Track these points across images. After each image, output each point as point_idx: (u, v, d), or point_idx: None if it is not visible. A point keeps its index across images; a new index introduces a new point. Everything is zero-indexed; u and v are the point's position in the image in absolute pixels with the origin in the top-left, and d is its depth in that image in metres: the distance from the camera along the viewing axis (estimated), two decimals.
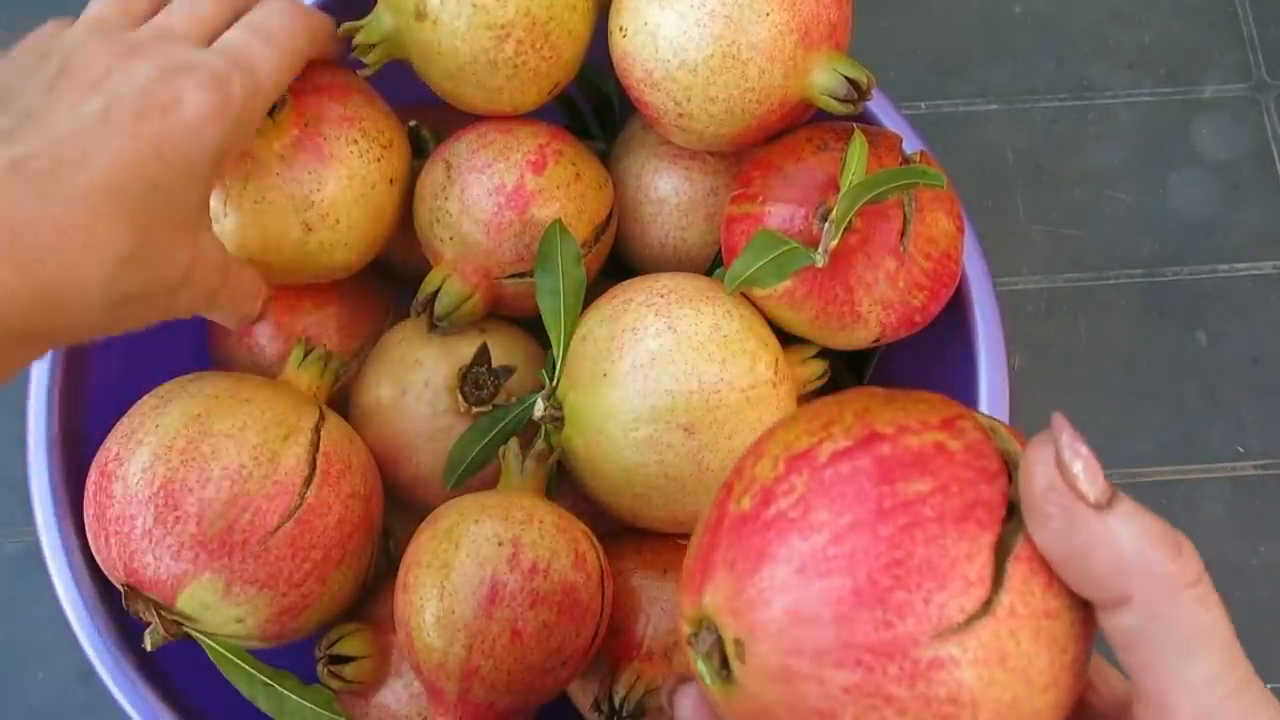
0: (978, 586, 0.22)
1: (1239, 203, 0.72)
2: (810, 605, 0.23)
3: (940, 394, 0.26)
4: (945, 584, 0.22)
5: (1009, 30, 0.76)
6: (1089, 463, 0.23)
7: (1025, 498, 0.23)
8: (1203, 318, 0.70)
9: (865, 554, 0.23)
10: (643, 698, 0.42)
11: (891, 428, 0.24)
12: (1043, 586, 0.23)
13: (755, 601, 0.23)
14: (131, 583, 0.39)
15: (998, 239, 0.71)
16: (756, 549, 0.24)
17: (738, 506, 0.25)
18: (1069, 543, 0.22)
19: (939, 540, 0.23)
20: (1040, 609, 0.23)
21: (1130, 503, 0.23)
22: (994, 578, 0.23)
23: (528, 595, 0.39)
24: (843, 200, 0.41)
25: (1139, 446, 0.67)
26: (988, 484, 0.24)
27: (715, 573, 0.25)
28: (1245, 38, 0.76)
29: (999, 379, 0.46)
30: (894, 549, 0.23)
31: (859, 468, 0.24)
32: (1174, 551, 0.22)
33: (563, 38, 0.46)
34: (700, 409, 0.41)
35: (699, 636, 0.25)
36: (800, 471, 0.24)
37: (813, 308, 0.44)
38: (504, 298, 0.49)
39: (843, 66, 0.43)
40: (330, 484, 0.42)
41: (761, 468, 0.25)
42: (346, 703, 0.46)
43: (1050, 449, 0.23)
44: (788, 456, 0.25)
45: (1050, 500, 0.23)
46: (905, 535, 0.23)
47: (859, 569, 0.23)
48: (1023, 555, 0.23)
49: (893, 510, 0.23)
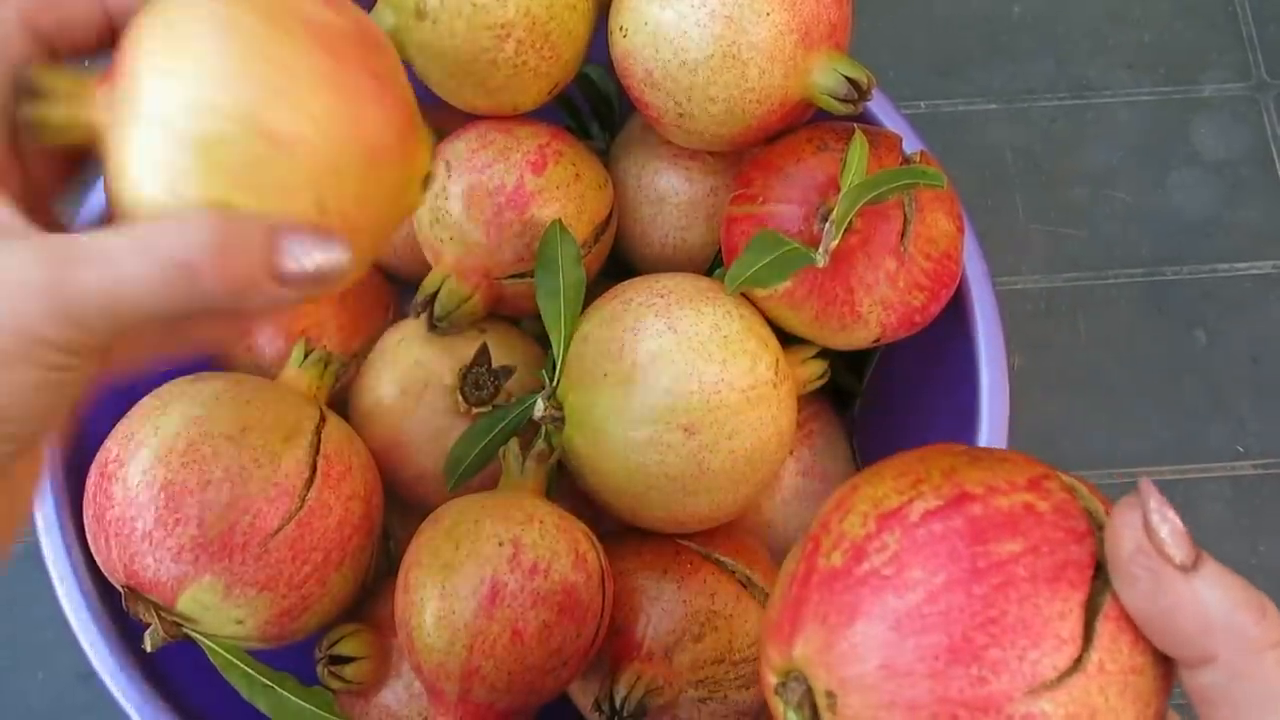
0: (1069, 644, 0.23)
1: (1238, 202, 0.72)
2: (905, 660, 0.24)
3: (1022, 453, 0.27)
4: (1039, 642, 0.23)
5: (1008, 30, 0.76)
6: (1175, 526, 0.24)
7: (1113, 559, 0.24)
8: (1202, 317, 0.70)
9: (960, 612, 0.23)
10: (643, 698, 0.42)
11: (981, 488, 0.25)
12: (1129, 644, 0.24)
13: (849, 656, 0.24)
14: (132, 584, 0.39)
15: (998, 239, 0.71)
16: (849, 604, 0.25)
17: (828, 562, 0.26)
18: (1156, 604, 0.23)
19: (1032, 599, 0.23)
20: (1127, 665, 0.24)
21: (1214, 564, 0.23)
22: (1084, 635, 0.24)
23: (528, 595, 0.39)
24: (843, 200, 0.41)
25: (1138, 446, 0.67)
26: (1077, 544, 0.25)
27: (806, 625, 0.25)
28: (1245, 37, 0.76)
29: (999, 379, 0.46)
30: (989, 607, 0.23)
31: (951, 527, 0.25)
32: (1259, 614, 0.23)
33: (563, 38, 0.46)
34: (700, 409, 0.41)
35: (788, 687, 0.26)
36: (892, 529, 0.25)
37: (813, 308, 0.44)
38: (504, 298, 0.49)
39: (843, 66, 0.43)
40: (331, 486, 0.42)
41: (850, 524, 0.26)
42: (347, 703, 0.46)
43: (1138, 513, 0.24)
44: (878, 514, 0.25)
45: (1138, 563, 0.24)
46: (999, 594, 0.24)
47: (954, 626, 0.23)
48: (1111, 614, 0.24)
49: (987, 570, 0.24)
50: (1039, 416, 0.66)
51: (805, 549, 0.27)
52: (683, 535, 0.46)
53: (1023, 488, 0.25)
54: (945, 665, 0.23)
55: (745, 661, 0.44)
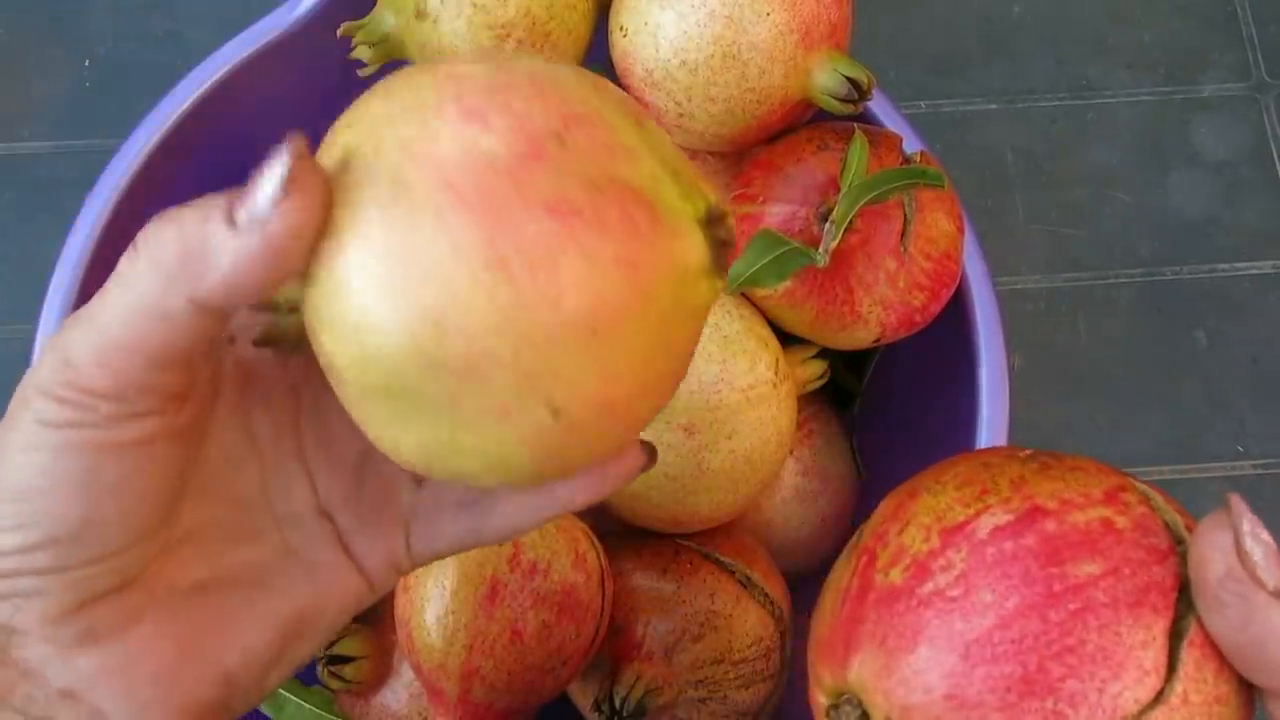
0: (1152, 675, 0.22)
1: (1238, 202, 0.72)
2: (974, 691, 0.22)
3: (1095, 460, 0.26)
4: (1120, 673, 0.22)
5: (1009, 30, 0.76)
6: (1270, 550, 0.22)
7: (1198, 583, 0.23)
8: (1202, 317, 0.70)
9: (1036, 640, 0.22)
10: (643, 698, 0.42)
11: (1054, 501, 0.24)
12: (1214, 672, 0.23)
13: (911, 682, 0.23)
14: None
15: (998, 239, 0.71)
16: (912, 626, 0.23)
17: (886, 578, 0.24)
18: (1246, 632, 0.22)
19: (1113, 627, 0.22)
20: (1211, 695, 0.22)
21: None
22: (1168, 664, 0.22)
23: (528, 595, 0.39)
24: (843, 200, 0.41)
25: (1138, 446, 0.67)
26: (1159, 565, 0.23)
27: (862, 646, 0.24)
28: (1245, 37, 0.76)
29: (999, 379, 0.46)
30: (1066, 635, 0.22)
31: (1024, 546, 0.23)
32: None
33: (563, 38, 0.46)
34: (700, 409, 0.41)
35: (841, 710, 0.24)
36: (958, 547, 0.23)
37: (813, 308, 0.44)
38: None
39: (843, 66, 0.43)
40: None
41: (910, 537, 0.24)
42: (346, 703, 0.46)
43: (1228, 534, 0.22)
44: (942, 528, 0.24)
45: (1227, 589, 0.22)
46: (1078, 621, 0.22)
47: (1029, 656, 0.22)
48: (1196, 641, 0.23)
49: (1063, 594, 0.22)
50: (1039, 416, 0.66)
51: (859, 562, 0.25)
52: (682, 535, 0.46)
53: (1099, 501, 0.24)
54: (1019, 698, 0.22)
55: (745, 661, 0.44)
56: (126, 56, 0.74)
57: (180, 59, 0.74)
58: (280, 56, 0.49)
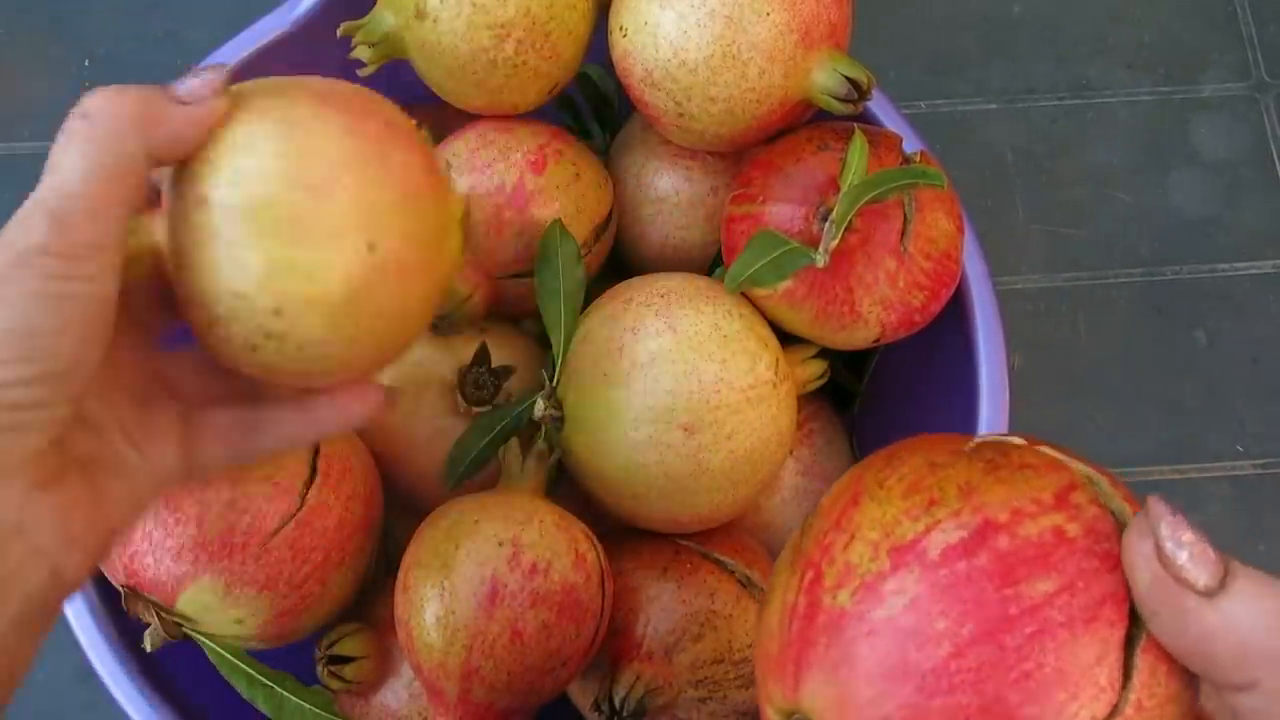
0: (1108, 690, 0.22)
1: (1238, 202, 0.72)
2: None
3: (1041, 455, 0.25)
4: (1077, 694, 0.21)
5: (1008, 30, 0.76)
6: (1195, 547, 0.21)
7: (1133, 594, 0.22)
8: (1202, 317, 0.70)
9: (993, 669, 0.22)
10: (643, 698, 0.42)
11: (1005, 513, 0.23)
12: (1166, 672, 0.22)
13: (866, 713, 0.22)
14: (131, 584, 0.39)
15: (997, 239, 0.71)
16: (864, 657, 0.22)
17: (834, 601, 0.23)
18: (1186, 636, 0.22)
19: (1069, 646, 0.22)
20: (1165, 695, 0.22)
21: (1246, 576, 0.21)
22: (1123, 674, 0.22)
23: (528, 595, 0.39)
24: (843, 200, 0.41)
25: (1138, 446, 0.67)
26: (1111, 573, 0.23)
27: (814, 672, 0.23)
28: (1245, 37, 0.76)
29: (999, 379, 0.46)
30: (1023, 660, 0.22)
31: (977, 567, 0.22)
32: None
33: (563, 37, 0.46)
34: (700, 409, 0.41)
35: None
36: (909, 568, 0.23)
37: (813, 308, 0.44)
38: (504, 297, 0.49)
39: (843, 66, 0.43)
40: (330, 486, 0.42)
41: (857, 554, 0.24)
42: (346, 703, 0.46)
43: (1149, 541, 0.22)
44: (891, 546, 0.23)
45: (1157, 596, 0.22)
46: (1034, 644, 0.22)
47: (986, 686, 0.21)
48: (1149, 646, 0.22)
49: (1019, 617, 0.22)
50: (1039, 416, 0.66)
51: (804, 577, 0.25)
52: (682, 535, 0.46)
53: (1050, 507, 0.23)
54: None
55: (745, 661, 0.44)
56: (126, 56, 0.74)
57: (180, 59, 0.74)
58: (280, 56, 0.49)
